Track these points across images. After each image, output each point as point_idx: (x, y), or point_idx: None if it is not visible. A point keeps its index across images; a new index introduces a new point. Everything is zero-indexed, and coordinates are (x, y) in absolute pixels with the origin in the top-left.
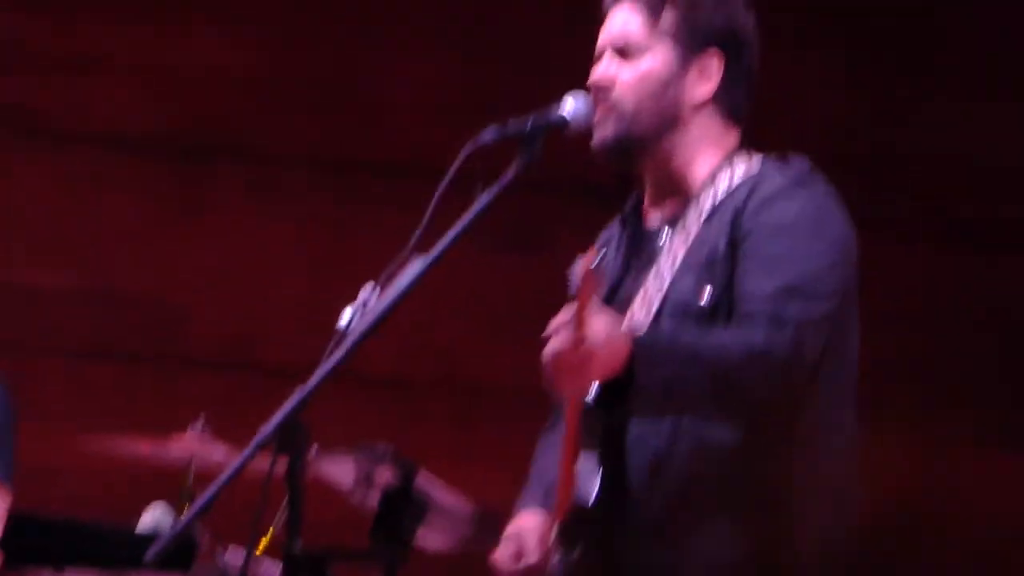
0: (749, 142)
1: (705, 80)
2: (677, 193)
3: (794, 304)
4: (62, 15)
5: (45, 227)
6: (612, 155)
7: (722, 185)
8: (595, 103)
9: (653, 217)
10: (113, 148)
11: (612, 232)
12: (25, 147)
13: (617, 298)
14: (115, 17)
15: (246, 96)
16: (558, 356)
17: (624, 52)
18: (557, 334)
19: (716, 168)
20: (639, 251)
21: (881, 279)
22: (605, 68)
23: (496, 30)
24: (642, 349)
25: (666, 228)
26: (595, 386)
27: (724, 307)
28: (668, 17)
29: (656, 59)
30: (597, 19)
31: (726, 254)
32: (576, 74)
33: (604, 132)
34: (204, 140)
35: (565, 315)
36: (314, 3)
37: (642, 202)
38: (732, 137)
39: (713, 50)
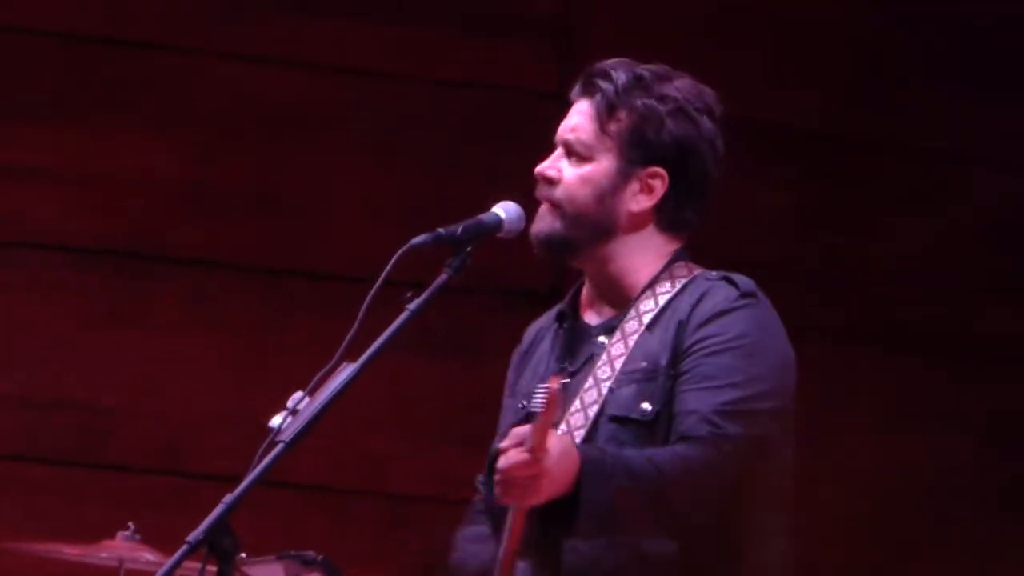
0: (694, 247)
1: (645, 195)
2: (615, 298)
3: (733, 424)
4: None
5: None
6: (545, 248)
7: (662, 296)
8: (537, 192)
9: (590, 315)
10: (45, 254)
11: (543, 325)
12: None
13: None
14: (48, 123)
15: (178, 202)
16: (512, 470)
17: (572, 152)
18: (513, 448)
19: (655, 277)
20: (574, 350)
21: (825, 384)
22: (552, 162)
23: (429, 136)
24: (589, 469)
25: (602, 335)
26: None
27: (664, 419)
28: (616, 126)
29: (598, 167)
30: (537, 128)
31: (668, 367)
32: (510, 182)
33: (541, 226)
34: (136, 246)
35: (522, 430)
36: (246, 110)
37: (578, 297)
38: (673, 247)
39: (656, 167)
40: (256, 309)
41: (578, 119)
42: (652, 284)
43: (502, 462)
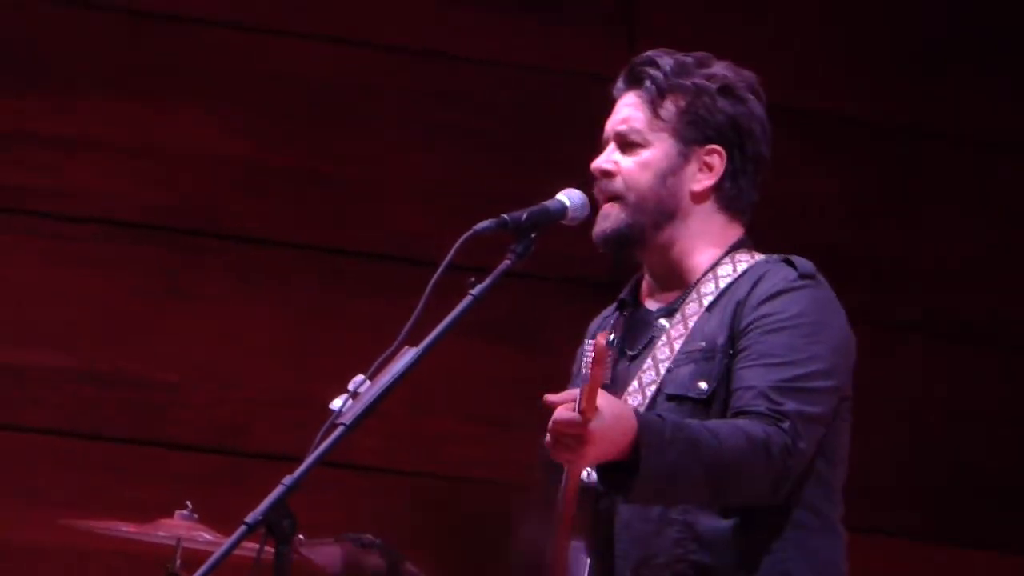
0: (754, 238)
1: (705, 173)
2: (676, 283)
3: (791, 400)
4: (51, 95)
5: (32, 307)
6: (612, 244)
7: (723, 279)
8: (596, 190)
9: (650, 303)
10: (101, 229)
11: (607, 316)
12: (11, 226)
13: (615, 384)
14: (103, 98)
15: (236, 179)
16: (559, 427)
17: (626, 143)
18: (564, 405)
19: (717, 261)
20: (634, 336)
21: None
22: (607, 156)
23: (489, 119)
24: (648, 434)
25: (663, 317)
26: (592, 467)
27: (720, 398)
28: (669, 109)
29: (656, 151)
30: (594, 113)
31: (725, 346)
32: (573, 169)
33: (606, 224)
34: (192, 223)
35: (574, 390)
36: (306, 87)
37: (639, 287)
38: (734, 231)
39: (713, 145)
40: (316, 288)
41: (628, 110)
42: (713, 267)
43: (551, 421)
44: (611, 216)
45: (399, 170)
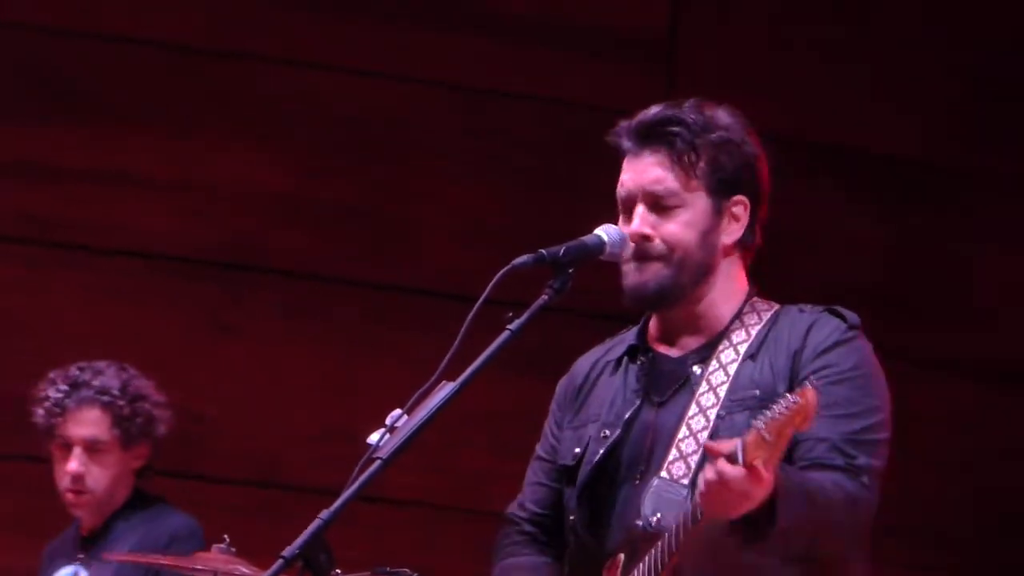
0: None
1: (735, 225)
2: (698, 330)
3: (863, 454)
4: (100, 129)
5: (76, 339)
6: (649, 300)
7: (752, 327)
8: (635, 253)
9: (668, 350)
10: (145, 263)
11: (601, 359)
12: (57, 259)
13: (636, 426)
14: (153, 133)
15: (280, 214)
16: (731, 482)
17: (659, 204)
18: (724, 456)
19: (739, 309)
20: (659, 383)
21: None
22: (643, 221)
23: (532, 156)
24: (784, 489)
25: (695, 364)
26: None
27: None
28: (701, 167)
29: (696, 210)
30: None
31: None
32: (613, 205)
33: (645, 278)
34: (236, 257)
35: (731, 444)
36: (351, 125)
37: (646, 332)
38: (744, 275)
39: (739, 196)
40: (358, 323)
41: (657, 171)
42: (738, 316)
43: (712, 473)
44: (651, 269)
45: (442, 206)
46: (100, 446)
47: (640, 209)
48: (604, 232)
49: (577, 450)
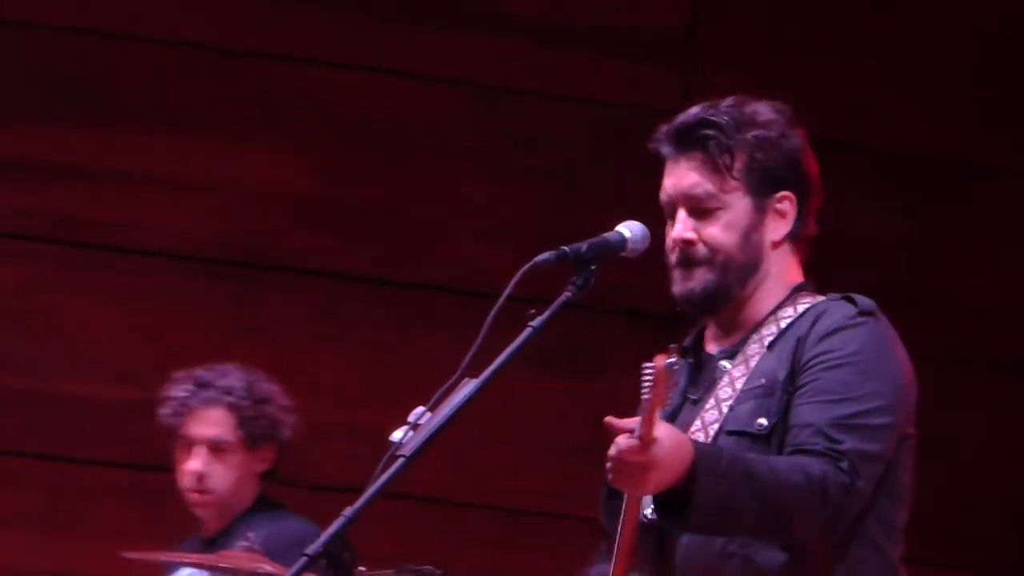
0: (817, 276)
1: (780, 221)
2: (739, 326)
3: (849, 438)
4: (125, 129)
5: (101, 340)
6: (699, 305)
7: (784, 320)
8: (675, 258)
9: (711, 347)
10: (171, 263)
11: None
12: (83, 259)
13: (676, 426)
14: (178, 133)
15: (305, 215)
16: (621, 455)
17: (701, 209)
18: (625, 432)
19: (779, 303)
20: (697, 381)
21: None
22: (684, 226)
23: (552, 154)
24: (704, 462)
25: (725, 359)
26: (649, 497)
27: (780, 433)
28: (738, 167)
29: (735, 211)
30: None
31: (785, 382)
32: (639, 204)
33: (692, 284)
34: (261, 258)
35: (635, 419)
36: (375, 123)
37: (702, 334)
38: (798, 269)
39: (784, 191)
40: (382, 323)
41: (695, 175)
42: (775, 311)
43: (612, 448)
44: (696, 275)
45: (466, 205)
46: (224, 446)
47: (681, 214)
48: (627, 228)
49: None
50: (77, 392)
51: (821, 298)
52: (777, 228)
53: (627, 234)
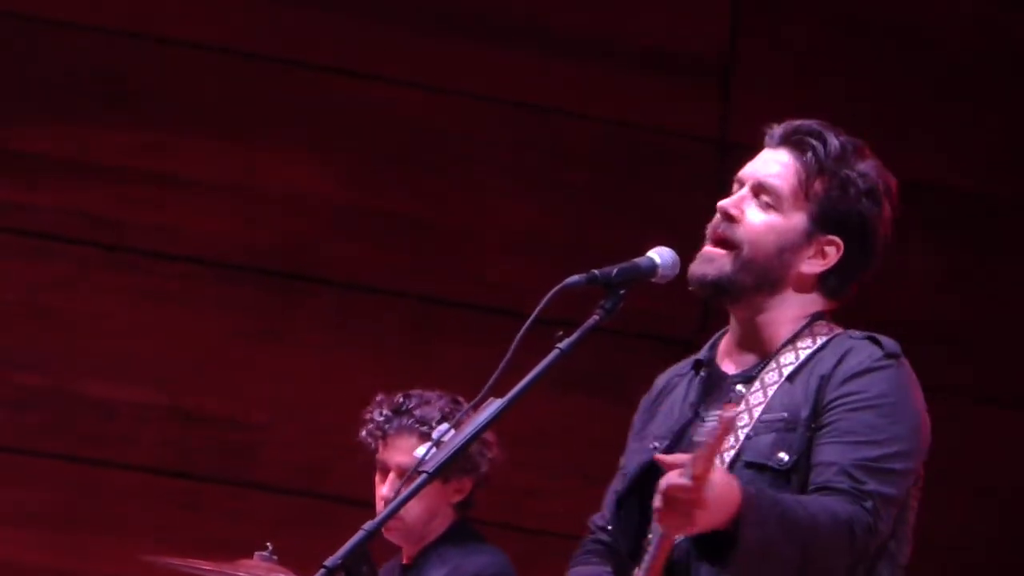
0: (845, 312)
1: (819, 260)
2: (755, 347)
3: (873, 481)
4: (154, 131)
5: (125, 341)
6: (708, 289)
7: (803, 350)
8: (711, 227)
9: (727, 364)
10: (197, 267)
11: (677, 373)
12: (110, 261)
13: (683, 442)
14: (205, 137)
15: (335, 223)
16: (673, 492)
17: (764, 196)
18: (675, 472)
19: (797, 332)
20: (710, 398)
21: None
22: (738, 201)
23: (591, 175)
24: (749, 506)
25: (740, 383)
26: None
27: (800, 470)
28: (817, 190)
29: (789, 222)
30: (691, 171)
31: (808, 419)
32: (670, 226)
33: (708, 269)
34: (290, 265)
35: (684, 456)
36: (408, 134)
37: (717, 346)
38: (818, 307)
39: (838, 237)
40: (409, 335)
41: (781, 169)
42: (794, 339)
43: (663, 484)
44: (716, 262)
45: (498, 220)
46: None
47: (743, 191)
48: (657, 254)
49: (638, 462)
50: (97, 393)
51: (839, 330)
52: (813, 263)
53: (657, 260)
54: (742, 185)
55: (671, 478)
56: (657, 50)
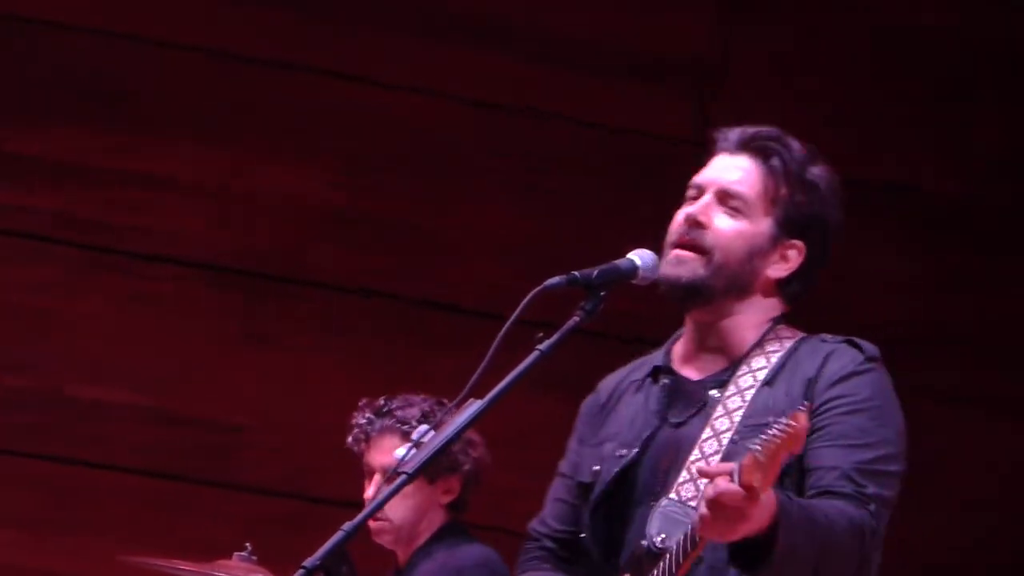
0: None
1: (783, 264)
2: (719, 353)
3: (872, 484)
4: (142, 134)
5: (110, 344)
6: (680, 292)
7: (773, 354)
8: (678, 235)
9: (688, 370)
10: (186, 270)
11: (626, 378)
12: (96, 263)
13: (653, 447)
14: (194, 140)
15: (318, 227)
16: (727, 498)
17: (729, 203)
18: (724, 476)
19: (762, 335)
20: (677, 405)
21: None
22: (704, 207)
23: (579, 181)
24: (785, 515)
25: (713, 388)
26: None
27: (791, 472)
28: (783, 196)
29: (757, 227)
30: (676, 176)
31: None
32: (644, 227)
33: (682, 271)
34: (274, 268)
35: (728, 465)
36: (396, 138)
37: (671, 352)
38: (777, 310)
39: (800, 241)
40: (393, 338)
41: (742, 174)
42: (761, 343)
43: (712, 491)
44: (688, 265)
45: (478, 223)
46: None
47: (707, 198)
48: (637, 256)
49: (596, 468)
50: (86, 395)
51: (801, 333)
52: (778, 268)
53: (638, 262)
54: (701, 191)
55: (722, 485)
56: (640, 55)
